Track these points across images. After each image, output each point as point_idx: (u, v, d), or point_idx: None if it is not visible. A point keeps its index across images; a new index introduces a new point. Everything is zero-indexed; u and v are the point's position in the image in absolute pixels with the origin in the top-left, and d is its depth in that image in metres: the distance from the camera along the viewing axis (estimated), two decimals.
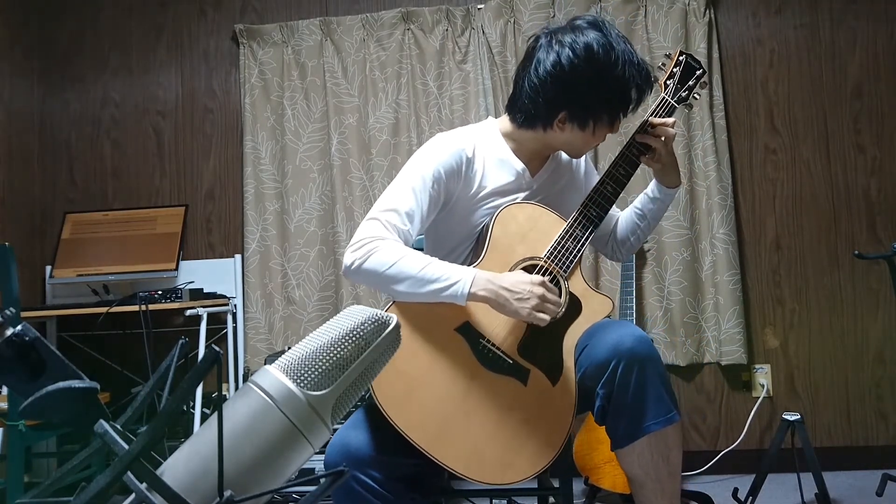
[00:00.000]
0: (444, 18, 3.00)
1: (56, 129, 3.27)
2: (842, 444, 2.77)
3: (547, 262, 1.39)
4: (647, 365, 1.24)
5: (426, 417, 1.26)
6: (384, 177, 2.99)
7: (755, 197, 2.89)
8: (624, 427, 1.27)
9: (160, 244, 2.98)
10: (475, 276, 1.29)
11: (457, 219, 1.48)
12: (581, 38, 1.36)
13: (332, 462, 1.25)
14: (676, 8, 2.88)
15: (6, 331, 0.63)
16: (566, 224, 1.42)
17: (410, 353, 1.29)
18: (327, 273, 3.02)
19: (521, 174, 1.50)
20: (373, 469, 1.23)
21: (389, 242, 1.33)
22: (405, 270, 1.29)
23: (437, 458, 1.24)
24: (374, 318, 0.74)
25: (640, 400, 1.25)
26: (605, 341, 1.28)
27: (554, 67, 1.37)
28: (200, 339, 2.68)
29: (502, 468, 1.28)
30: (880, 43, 2.86)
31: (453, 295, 1.29)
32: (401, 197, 1.39)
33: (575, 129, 1.42)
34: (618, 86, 1.38)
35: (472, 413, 1.28)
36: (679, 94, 1.54)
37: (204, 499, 0.64)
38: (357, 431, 1.28)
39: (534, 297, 1.28)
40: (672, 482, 1.32)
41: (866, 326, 2.80)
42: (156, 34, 3.25)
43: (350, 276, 1.35)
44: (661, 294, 2.83)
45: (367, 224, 1.37)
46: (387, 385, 1.25)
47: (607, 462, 2.34)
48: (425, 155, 1.44)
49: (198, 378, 0.62)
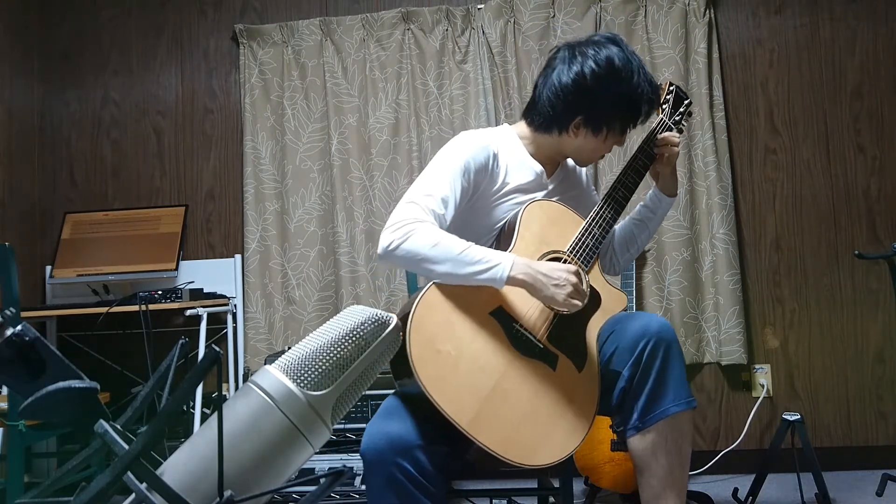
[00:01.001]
0: (444, 18, 3.00)
1: (56, 129, 3.27)
2: (842, 444, 2.77)
3: (570, 256, 1.46)
4: (672, 347, 1.35)
5: (465, 397, 1.27)
6: (384, 177, 2.99)
7: (755, 197, 2.89)
8: (643, 406, 1.33)
9: (160, 244, 2.97)
10: (514, 260, 1.34)
11: (477, 213, 1.53)
12: (603, 51, 1.49)
13: (376, 450, 1.24)
14: (676, 8, 2.88)
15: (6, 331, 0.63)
16: (585, 222, 1.52)
17: (450, 333, 1.31)
18: (327, 273, 3.02)
19: (540, 175, 1.59)
20: (418, 456, 1.23)
21: (427, 225, 1.37)
22: (445, 252, 1.33)
23: (476, 437, 1.24)
24: (374, 318, 0.74)
25: (664, 381, 1.34)
26: (633, 326, 1.38)
27: (577, 76, 1.49)
28: (200, 339, 2.68)
29: (533, 450, 1.30)
30: (880, 43, 2.85)
31: (492, 278, 1.33)
32: (438, 182, 1.44)
33: (588, 134, 1.53)
34: (632, 97, 1.50)
35: (507, 395, 1.31)
36: (673, 118, 1.69)
37: (204, 499, 0.64)
38: (395, 420, 1.28)
39: (569, 285, 1.34)
40: (682, 474, 1.36)
41: (866, 326, 2.80)
42: (156, 34, 3.25)
43: (386, 257, 1.37)
44: (661, 294, 2.83)
45: (405, 206, 1.40)
46: (428, 365, 1.26)
47: (607, 462, 2.34)
48: (456, 147, 1.51)
49: (198, 378, 0.62)
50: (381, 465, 1.22)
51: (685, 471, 1.37)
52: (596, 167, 2.87)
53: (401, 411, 1.30)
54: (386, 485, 1.22)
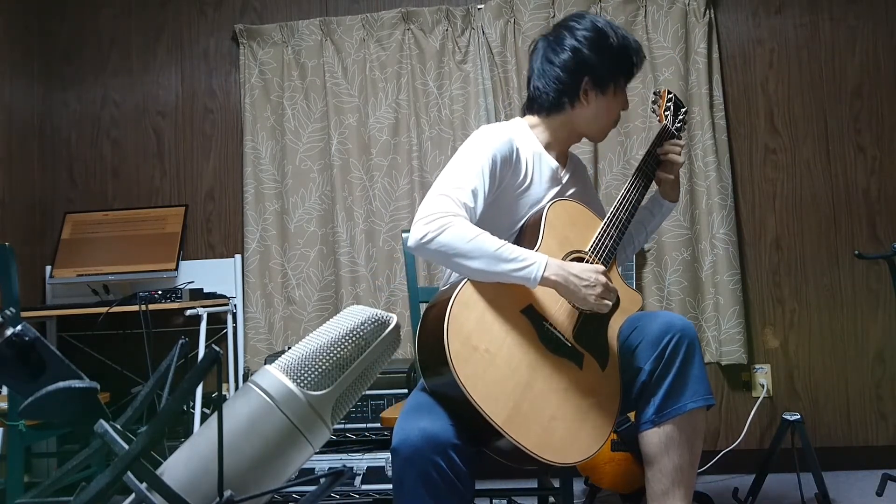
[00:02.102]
0: (444, 18, 3.00)
1: (56, 129, 3.27)
2: (842, 444, 2.77)
3: (591, 256, 1.48)
4: (695, 343, 1.39)
5: (501, 396, 1.26)
6: (384, 177, 2.99)
7: (755, 197, 2.89)
8: (661, 400, 1.34)
9: (160, 244, 2.97)
10: (548, 260, 1.35)
11: (500, 208, 1.52)
12: (582, 21, 1.58)
13: (412, 446, 1.22)
14: (676, 8, 2.88)
15: (6, 331, 0.63)
16: (603, 223, 1.54)
17: (486, 331, 1.31)
18: (327, 273, 3.02)
19: (556, 170, 1.61)
20: (452, 455, 1.21)
21: (462, 219, 1.36)
22: (481, 247, 1.33)
23: (513, 436, 1.23)
24: (374, 318, 0.74)
25: (684, 376, 1.37)
26: (658, 322, 1.41)
27: (573, 48, 1.55)
28: (200, 339, 2.68)
29: (565, 448, 1.30)
30: (880, 43, 2.85)
31: (526, 277, 1.33)
32: (468, 175, 1.43)
33: (599, 96, 1.57)
34: (624, 49, 1.57)
35: (539, 393, 1.31)
36: (675, 125, 1.74)
37: (204, 499, 0.64)
38: (429, 417, 1.26)
39: (599, 285, 1.35)
40: (691, 471, 1.37)
41: (866, 326, 2.80)
42: (156, 34, 3.25)
43: (418, 249, 1.36)
44: (661, 294, 2.83)
45: (438, 199, 1.38)
46: (466, 363, 1.25)
47: (607, 462, 2.34)
48: (482, 140, 1.50)
49: (198, 378, 0.62)
50: (417, 461, 1.21)
51: (694, 469, 1.37)
52: (596, 167, 2.87)
53: (433, 408, 1.29)
54: (420, 481, 1.21)
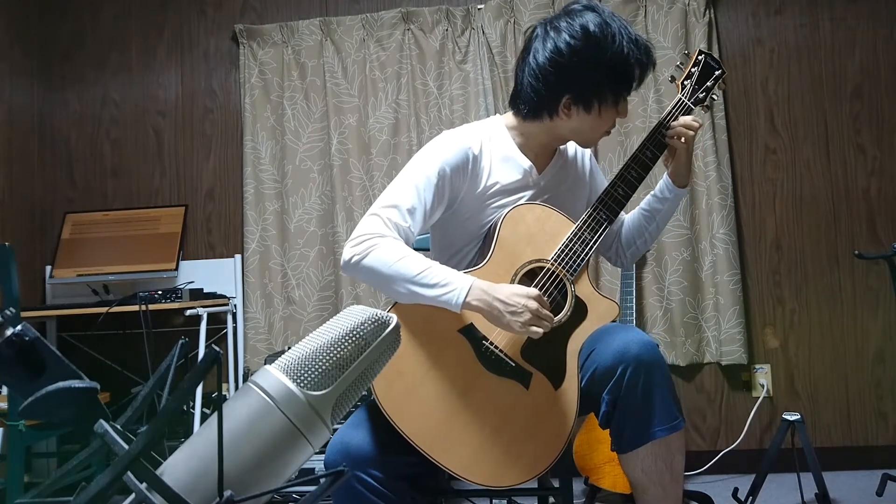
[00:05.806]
0: (444, 18, 3.00)
1: (56, 129, 3.27)
2: (842, 444, 2.77)
3: (554, 265, 1.37)
4: (653, 371, 1.23)
5: (426, 419, 1.25)
6: (384, 177, 2.99)
7: (755, 197, 2.89)
8: (629, 433, 1.26)
9: (160, 244, 2.97)
10: (472, 285, 1.27)
11: (463, 218, 1.46)
12: (577, 21, 1.37)
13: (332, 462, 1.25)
14: (676, 8, 2.88)
15: (6, 331, 0.63)
16: (574, 226, 1.40)
17: (412, 353, 1.28)
18: (327, 273, 3.02)
19: (528, 172, 1.48)
20: (373, 468, 1.23)
21: (389, 240, 1.31)
22: (403, 272, 1.28)
23: (436, 459, 1.24)
24: (374, 317, 0.74)
25: (647, 406, 1.23)
26: (611, 346, 1.27)
27: (553, 53, 1.37)
28: (200, 339, 2.68)
29: (500, 472, 1.27)
30: (880, 43, 2.85)
31: (447, 302, 1.27)
32: (403, 193, 1.37)
33: (581, 112, 1.41)
34: (618, 63, 1.36)
35: (472, 416, 1.28)
36: (696, 96, 1.53)
37: (204, 499, 0.64)
38: (357, 431, 1.27)
39: (527, 312, 1.25)
40: (675, 487, 1.31)
41: (866, 326, 2.80)
42: (156, 34, 3.25)
43: (348, 271, 1.34)
44: (661, 294, 2.83)
45: (367, 220, 1.35)
46: (388, 386, 1.25)
47: (607, 462, 2.34)
48: (431, 152, 1.43)
49: (198, 378, 0.62)
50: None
51: (678, 484, 1.33)
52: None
53: (363, 423, 1.29)
54: (346, 496, 1.23)
